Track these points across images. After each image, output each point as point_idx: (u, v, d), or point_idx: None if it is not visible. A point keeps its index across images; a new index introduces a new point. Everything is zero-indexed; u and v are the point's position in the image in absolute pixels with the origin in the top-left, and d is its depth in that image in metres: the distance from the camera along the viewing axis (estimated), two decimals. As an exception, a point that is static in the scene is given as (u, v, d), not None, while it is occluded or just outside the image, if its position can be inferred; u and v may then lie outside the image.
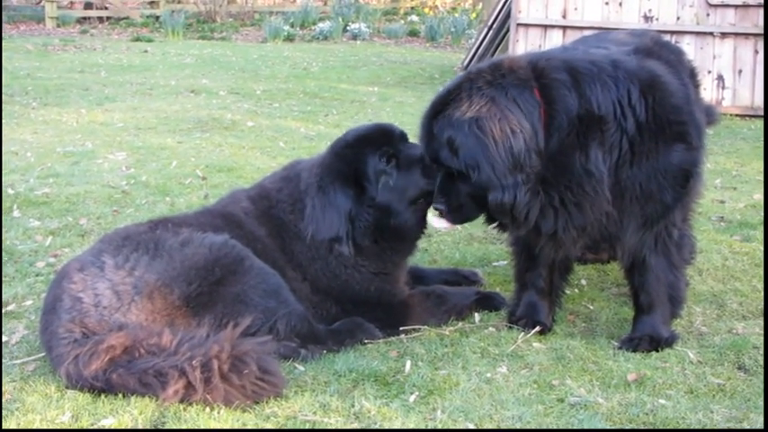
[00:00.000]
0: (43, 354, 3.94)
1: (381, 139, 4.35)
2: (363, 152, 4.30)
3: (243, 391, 3.53)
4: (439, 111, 3.94)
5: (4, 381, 3.75)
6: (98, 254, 3.95)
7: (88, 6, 25.81)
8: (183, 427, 3.39)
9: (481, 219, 4.18)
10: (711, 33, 11.80)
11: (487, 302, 4.67)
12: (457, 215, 4.08)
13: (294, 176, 4.50)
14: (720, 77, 11.75)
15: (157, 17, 24.46)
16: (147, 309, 3.78)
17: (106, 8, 25.53)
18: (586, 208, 3.94)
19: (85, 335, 3.69)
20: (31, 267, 5.26)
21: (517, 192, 3.82)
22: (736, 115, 11.50)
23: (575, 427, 3.44)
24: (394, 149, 4.32)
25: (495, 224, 4.18)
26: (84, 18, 24.90)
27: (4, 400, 3.57)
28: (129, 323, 3.73)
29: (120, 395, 3.56)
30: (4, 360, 3.98)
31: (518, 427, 3.44)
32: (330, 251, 4.31)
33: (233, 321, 3.79)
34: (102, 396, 3.56)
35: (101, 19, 25.05)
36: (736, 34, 11.73)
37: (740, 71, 11.71)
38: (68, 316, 3.74)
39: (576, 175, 3.88)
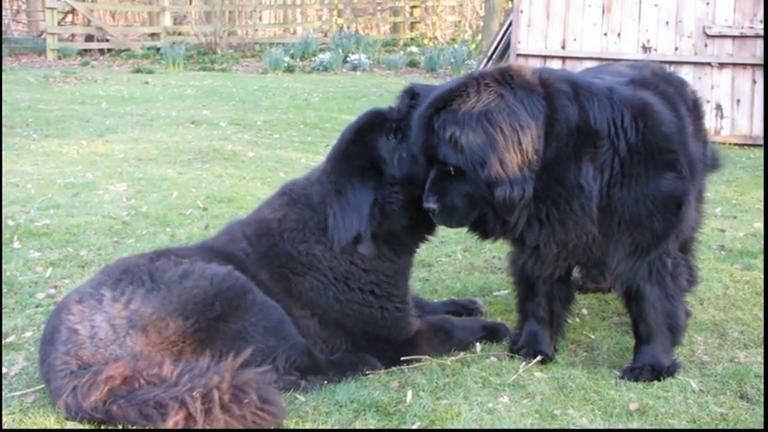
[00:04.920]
0: (42, 386, 3.92)
1: (379, 121, 4.29)
2: (371, 138, 4.25)
3: (243, 422, 3.51)
4: (440, 107, 3.84)
5: (3, 413, 3.73)
6: (97, 286, 3.92)
7: (89, 39, 25.96)
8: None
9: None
10: (710, 64, 11.87)
11: (493, 335, 4.65)
12: (450, 217, 3.97)
13: (298, 197, 4.38)
14: (719, 107, 11.81)
15: (158, 49, 24.61)
16: (142, 342, 3.74)
17: (107, 40, 25.71)
18: (569, 225, 3.94)
19: (81, 367, 3.66)
20: (31, 299, 5.25)
21: (526, 186, 3.77)
22: (735, 144, 11.55)
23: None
24: (396, 123, 4.25)
25: (477, 232, 4.11)
26: (86, 50, 25.08)
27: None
28: (124, 356, 3.69)
29: (120, 426, 3.53)
30: (3, 393, 3.96)
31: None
32: (351, 262, 4.24)
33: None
34: (102, 428, 3.54)
35: (102, 51, 25.23)
36: (734, 64, 11.81)
37: (738, 101, 11.77)
38: (64, 348, 3.72)
39: (568, 187, 3.88)
